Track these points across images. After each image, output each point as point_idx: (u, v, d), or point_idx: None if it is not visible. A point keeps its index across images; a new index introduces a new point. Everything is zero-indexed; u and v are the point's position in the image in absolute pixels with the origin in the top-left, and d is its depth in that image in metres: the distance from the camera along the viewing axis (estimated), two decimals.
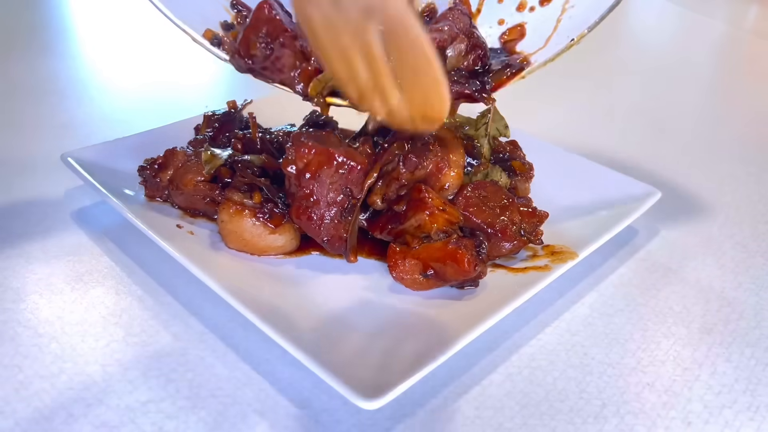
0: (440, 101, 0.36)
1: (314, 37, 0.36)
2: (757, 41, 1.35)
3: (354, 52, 0.35)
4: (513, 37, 0.55)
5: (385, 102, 0.36)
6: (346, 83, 0.37)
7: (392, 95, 0.36)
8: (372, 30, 0.33)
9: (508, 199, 0.51)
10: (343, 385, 0.36)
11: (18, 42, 1.02)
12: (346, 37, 0.34)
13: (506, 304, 0.44)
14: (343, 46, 0.34)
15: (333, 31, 0.34)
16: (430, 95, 0.35)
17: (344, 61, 0.36)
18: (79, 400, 0.39)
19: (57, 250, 0.52)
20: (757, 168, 0.74)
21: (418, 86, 0.35)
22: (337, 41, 0.35)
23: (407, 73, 0.34)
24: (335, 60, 0.36)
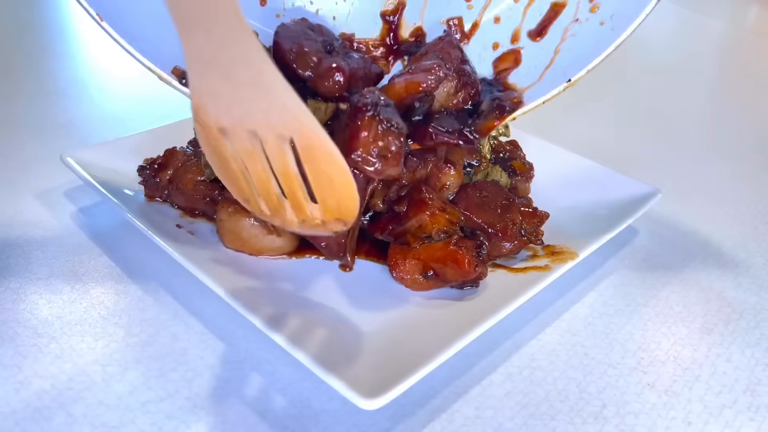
0: (352, 203, 0.38)
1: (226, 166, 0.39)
2: (757, 41, 1.35)
3: (268, 174, 0.37)
4: (507, 65, 0.53)
5: (301, 213, 0.39)
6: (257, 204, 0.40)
7: (307, 206, 0.38)
8: (287, 152, 0.36)
9: (509, 199, 0.51)
10: (343, 385, 0.36)
11: (18, 42, 1.02)
12: (260, 163, 0.37)
13: (506, 304, 0.44)
14: (257, 171, 0.37)
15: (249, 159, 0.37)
16: (344, 198, 0.37)
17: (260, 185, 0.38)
18: (79, 400, 0.39)
19: (57, 250, 0.52)
20: (757, 168, 0.74)
21: (331, 192, 0.37)
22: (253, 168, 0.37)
23: (323, 183, 0.37)
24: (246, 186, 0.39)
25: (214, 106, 0.36)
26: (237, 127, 0.36)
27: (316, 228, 0.40)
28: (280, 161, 0.36)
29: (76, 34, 1.13)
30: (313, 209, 0.39)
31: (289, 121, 0.34)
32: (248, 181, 0.39)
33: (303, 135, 0.35)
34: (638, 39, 1.43)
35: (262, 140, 0.36)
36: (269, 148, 0.36)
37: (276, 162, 0.37)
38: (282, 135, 0.35)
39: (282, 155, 0.36)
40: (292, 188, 0.38)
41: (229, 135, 0.37)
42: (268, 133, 0.35)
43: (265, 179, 0.38)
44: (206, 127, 0.37)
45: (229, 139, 0.37)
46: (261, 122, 0.35)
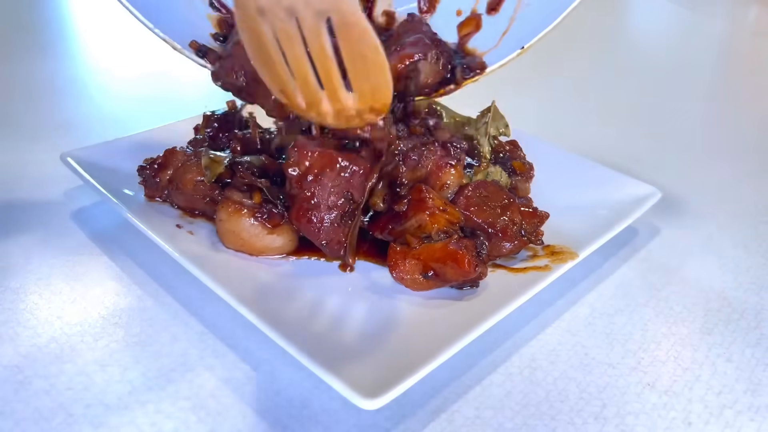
0: (386, 87, 0.38)
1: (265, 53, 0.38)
2: (757, 41, 1.35)
3: (304, 58, 0.37)
4: (469, 29, 0.57)
5: (336, 101, 0.39)
6: (293, 96, 0.40)
7: (342, 93, 0.39)
8: (324, 32, 0.36)
9: (509, 199, 0.51)
10: (343, 385, 0.36)
11: (17, 42, 1.02)
12: (297, 46, 0.37)
13: (506, 304, 0.44)
14: (295, 54, 0.37)
15: (286, 40, 0.37)
16: (378, 83, 0.38)
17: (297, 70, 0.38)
18: (79, 400, 0.39)
19: (57, 250, 0.52)
20: (757, 168, 0.74)
21: (366, 76, 0.37)
22: (290, 50, 0.37)
23: (357, 64, 0.37)
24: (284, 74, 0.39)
25: None
26: (275, 5, 0.36)
27: (351, 120, 0.41)
28: (317, 41, 0.36)
29: (76, 34, 1.13)
30: (347, 98, 0.39)
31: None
32: (284, 68, 0.39)
33: (340, 11, 0.35)
34: (638, 39, 1.43)
35: (300, 19, 0.36)
36: (306, 26, 0.36)
37: (313, 42, 0.36)
38: (320, 11, 0.35)
39: (319, 34, 0.36)
40: (328, 71, 0.38)
41: (267, 15, 0.36)
42: (305, 9, 0.35)
43: (303, 63, 0.38)
44: (245, 8, 0.37)
45: (267, 19, 0.37)
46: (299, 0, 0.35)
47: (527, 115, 0.81)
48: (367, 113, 0.40)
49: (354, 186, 0.49)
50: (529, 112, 0.84)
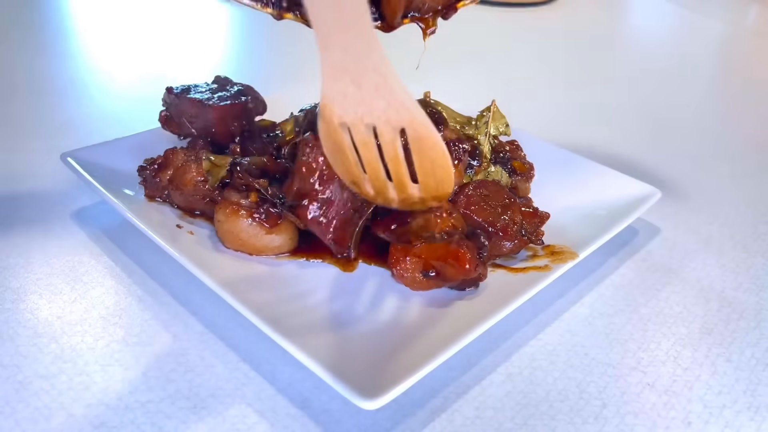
0: (449, 183, 0.45)
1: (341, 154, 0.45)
2: (757, 41, 1.35)
3: (377, 160, 0.44)
4: None
5: (403, 192, 0.46)
6: (363, 183, 0.47)
7: (410, 186, 0.45)
8: (399, 142, 0.43)
9: (510, 198, 0.51)
10: (343, 385, 0.36)
11: (17, 41, 1.02)
12: (373, 151, 0.44)
13: (506, 304, 0.44)
14: (370, 157, 0.44)
15: (363, 148, 0.44)
16: (442, 179, 0.45)
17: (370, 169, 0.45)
18: (79, 400, 0.39)
19: (57, 250, 0.52)
20: (757, 168, 0.74)
21: (432, 175, 0.44)
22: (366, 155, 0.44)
23: (425, 165, 0.44)
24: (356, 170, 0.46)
25: (341, 105, 0.42)
26: (358, 121, 0.42)
27: (414, 205, 0.47)
28: (391, 149, 0.43)
29: (76, 34, 1.13)
30: (413, 189, 0.46)
31: (404, 116, 0.41)
32: (358, 166, 0.46)
33: (414, 127, 0.42)
34: (638, 39, 1.43)
35: (378, 131, 0.42)
36: (384, 138, 0.43)
37: (388, 149, 0.43)
38: (396, 127, 0.42)
39: (394, 144, 0.43)
40: (398, 170, 0.45)
41: (347, 128, 0.43)
42: (385, 125, 0.42)
43: (375, 164, 0.45)
44: (329, 122, 0.44)
45: (347, 131, 0.44)
46: (381, 117, 0.41)
47: (527, 115, 0.81)
48: (429, 200, 0.46)
49: None
50: (528, 112, 0.84)
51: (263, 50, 1.08)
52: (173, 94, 0.57)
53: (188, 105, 0.57)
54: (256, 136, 0.59)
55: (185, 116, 0.57)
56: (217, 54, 1.09)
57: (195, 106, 0.57)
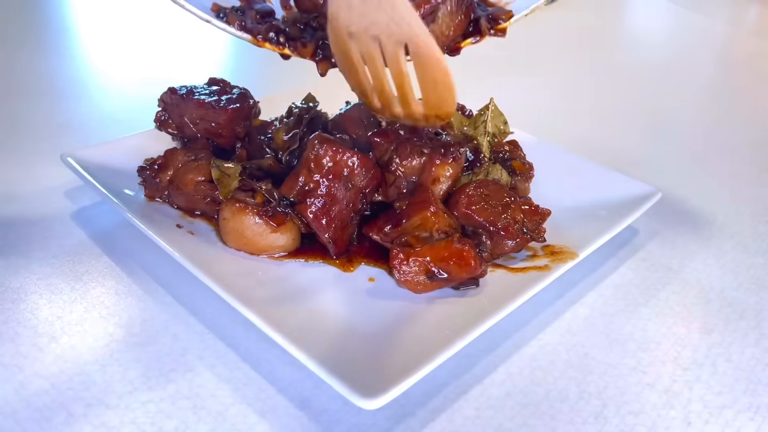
0: (451, 102, 0.45)
1: (350, 65, 0.46)
2: (757, 41, 1.35)
3: (383, 72, 0.45)
4: None
5: (407, 107, 0.47)
6: (371, 96, 0.48)
7: (413, 101, 0.46)
8: (402, 56, 0.43)
9: (510, 197, 0.51)
10: (343, 385, 0.36)
11: (17, 41, 1.02)
12: (378, 62, 0.44)
13: (506, 304, 0.44)
14: (376, 68, 0.45)
15: (369, 58, 0.44)
16: (444, 96, 0.44)
17: (376, 81, 0.46)
18: (79, 400, 0.39)
19: (57, 250, 0.52)
20: (757, 168, 0.74)
21: (435, 91, 0.44)
22: (372, 66, 0.45)
23: (428, 83, 0.44)
24: (365, 81, 0.47)
25: (347, 15, 0.43)
26: (363, 32, 0.43)
27: (418, 121, 0.48)
28: (395, 62, 0.44)
29: (76, 34, 1.13)
30: (417, 105, 0.46)
31: (407, 31, 0.41)
32: (366, 77, 0.47)
33: (416, 43, 0.41)
34: (638, 39, 1.43)
35: (382, 44, 0.43)
36: (387, 51, 0.43)
37: (392, 62, 0.44)
38: (399, 41, 0.42)
39: (397, 57, 0.43)
40: (402, 85, 0.45)
41: (355, 38, 0.44)
42: (388, 38, 0.42)
43: (381, 76, 0.46)
44: (337, 31, 0.44)
45: (355, 41, 0.44)
46: (384, 30, 0.42)
47: (527, 115, 0.81)
48: (432, 118, 0.47)
49: (369, 186, 0.49)
50: (528, 112, 0.84)
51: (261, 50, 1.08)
52: (177, 95, 0.57)
53: (193, 106, 0.56)
54: (254, 138, 0.59)
55: (188, 117, 0.57)
56: (216, 55, 1.09)
57: (201, 108, 0.56)
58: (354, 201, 0.50)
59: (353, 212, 0.50)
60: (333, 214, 0.49)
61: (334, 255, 0.50)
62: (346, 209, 0.49)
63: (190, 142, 0.58)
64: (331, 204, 0.49)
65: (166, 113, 0.58)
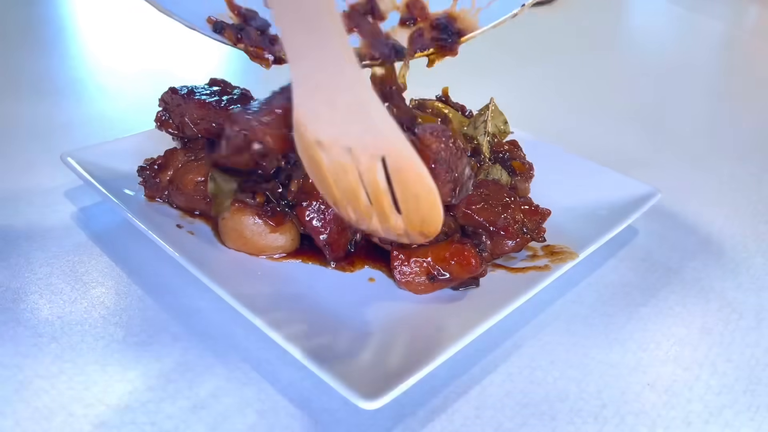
0: (436, 221, 0.40)
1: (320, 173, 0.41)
2: (757, 41, 1.35)
3: (358, 185, 0.40)
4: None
5: (386, 222, 0.42)
6: (345, 210, 0.43)
7: (392, 217, 0.41)
8: (379, 169, 0.38)
9: (510, 197, 0.51)
10: (343, 385, 0.36)
11: (17, 41, 1.02)
12: (352, 175, 0.39)
13: (506, 304, 0.44)
14: (349, 182, 0.40)
15: (341, 171, 0.40)
16: (427, 215, 0.40)
17: (350, 194, 0.41)
18: (79, 400, 0.39)
19: (57, 250, 0.52)
20: (757, 168, 0.74)
21: (417, 210, 0.40)
22: (344, 179, 0.40)
23: (410, 200, 0.39)
24: (337, 193, 0.42)
25: (314, 124, 0.38)
26: (334, 143, 0.38)
27: (400, 237, 0.43)
28: (371, 176, 0.39)
29: (76, 34, 1.13)
30: (397, 220, 0.41)
31: (382, 144, 0.37)
32: (339, 188, 0.41)
33: (394, 157, 0.37)
34: (638, 39, 1.43)
35: (356, 157, 0.38)
36: (362, 164, 0.38)
37: (367, 176, 0.39)
38: (375, 154, 0.38)
39: (373, 171, 0.39)
40: (379, 201, 0.40)
41: (325, 148, 0.39)
42: (362, 151, 0.38)
43: (356, 189, 0.40)
44: (303, 138, 0.40)
45: (325, 151, 0.39)
46: (356, 141, 0.37)
47: (527, 115, 0.81)
48: (415, 235, 0.42)
49: None
50: (528, 112, 0.84)
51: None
52: (178, 95, 0.57)
53: (194, 107, 0.56)
54: None
55: (188, 118, 0.57)
56: (216, 55, 1.09)
57: (202, 109, 0.56)
58: None
59: None
60: (329, 218, 0.49)
61: (330, 259, 0.50)
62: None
63: (190, 142, 0.58)
64: (327, 207, 0.49)
65: (166, 113, 0.58)
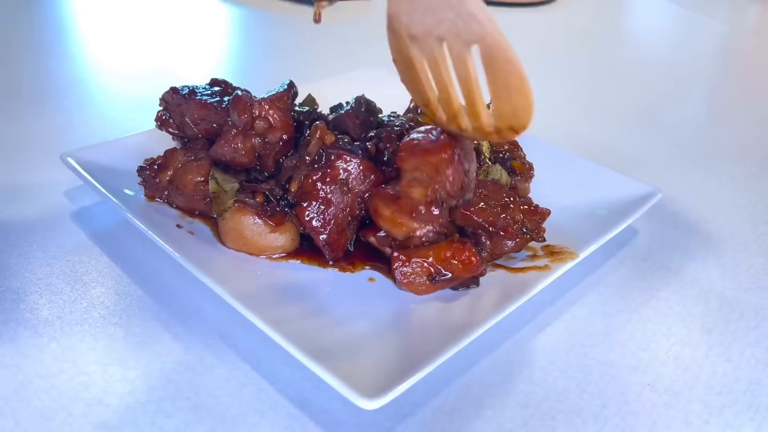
0: (528, 111, 0.40)
1: (412, 72, 0.42)
2: (757, 41, 1.35)
3: (450, 79, 0.40)
4: None
5: (477, 120, 0.42)
6: (436, 108, 0.43)
7: (483, 113, 0.41)
8: (470, 59, 0.39)
9: (510, 197, 0.51)
10: (343, 385, 0.36)
11: (17, 41, 1.02)
12: (443, 68, 0.40)
13: (506, 304, 0.44)
14: (441, 76, 0.41)
15: (433, 64, 0.40)
16: (519, 105, 0.39)
17: (442, 90, 0.41)
18: (79, 400, 0.39)
19: (57, 250, 0.52)
20: (757, 168, 0.74)
21: (509, 99, 0.39)
22: (437, 72, 0.41)
23: (501, 90, 0.39)
24: (429, 91, 0.42)
25: (408, 16, 0.39)
26: (427, 34, 0.39)
27: (489, 135, 0.42)
28: (462, 66, 0.39)
29: (76, 34, 1.13)
30: (488, 117, 0.41)
31: (476, 29, 0.37)
32: (430, 86, 0.42)
33: (486, 43, 0.37)
34: (638, 39, 1.43)
35: (449, 46, 0.39)
36: (454, 53, 0.39)
37: (459, 67, 0.39)
38: (467, 41, 0.38)
39: (465, 60, 0.39)
40: (471, 93, 0.40)
41: (418, 41, 0.40)
42: (454, 39, 0.38)
43: (447, 84, 0.41)
44: (398, 34, 0.41)
45: (417, 45, 0.40)
46: (450, 30, 0.38)
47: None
48: (505, 131, 0.41)
49: (368, 191, 0.50)
50: None
51: (260, 51, 1.08)
52: (179, 95, 0.57)
53: (195, 107, 0.56)
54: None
55: (189, 118, 0.57)
56: (216, 54, 1.09)
57: (203, 109, 0.56)
58: (352, 206, 0.50)
59: (350, 217, 0.50)
60: (328, 218, 0.49)
61: (329, 259, 0.50)
62: (342, 213, 0.49)
63: (190, 142, 0.58)
64: (327, 207, 0.49)
65: (167, 113, 0.58)
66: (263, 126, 0.50)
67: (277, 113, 0.51)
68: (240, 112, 0.51)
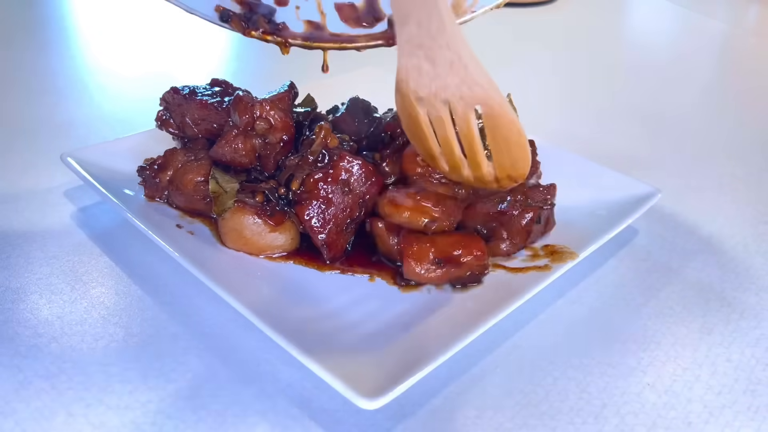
0: (526, 162, 0.45)
1: (418, 128, 0.46)
2: (757, 41, 1.35)
3: (453, 136, 0.45)
4: None
5: (477, 170, 0.47)
6: (439, 161, 0.48)
7: (484, 164, 0.46)
8: (473, 119, 0.43)
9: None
10: (343, 385, 0.36)
11: (17, 41, 1.02)
12: (448, 126, 0.45)
13: (506, 304, 0.44)
14: (445, 133, 0.45)
15: (438, 123, 0.45)
16: (518, 158, 0.45)
17: (445, 145, 0.46)
18: (79, 400, 0.39)
19: (57, 250, 0.52)
20: (757, 168, 0.74)
21: (508, 153, 0.44)
22: (441, 130, 0.45)
23: (501, 144, 0.44)
24: (433, 146, 0.47)
25: (415, 80, 0.43)
26: (432, 97, 0.43)
27: (489, 184, 0.48)
28: (465, 124, 0.44)
29: (76, 34, 1.13)
30: (488, 167, 0.46)
31: (479, 93, 0.42)
32: (434, 142, 0.47)
33: (489, 104, 0.42)
34: (638, 39, 1.43)
35: (452, 108, 0.43)
36: (458, 114, 0.43)
37: (461, 125, 0.44)
38: (470, 104, 0.42)
39: (468, 119, 0.43)
40: (473, 148, 0.45)
41: (424, 103, 0.45)
42: (458, 102, 0.43)
43: (450, 140, 0.46)
44: (405, 96, 0.45)
45: (423, 106, 0.45)
46: (454, 93, 0.42)
47: (527, 114, 0.81)
48: (504, 180, 0.47)
49: (369, 193, 0.50)
50: (528, 112, 0.84)
51: (260, 51, 1.08)
52: (180, 95, 0.57)
53: (196, 107, 0.56)
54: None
55: (189, 118, 0.57)
56: (216, 55, 1.09)
57: (204, 109, 0.56)
58: (352, 207, 0.50)
59: (350, 218, 0.50)
60: (328, 218, 0.49)
61: (327, 259, 0.50)
62: (342, 214, 0.49)
63: (190, 142, 0.58)
64: (327, 207, 0.49)
65: (167, 112, 0.58)
66: (264, 126, 0.51)
67: (278, 114, 0.51)
68: (241, 113, 0.51)
